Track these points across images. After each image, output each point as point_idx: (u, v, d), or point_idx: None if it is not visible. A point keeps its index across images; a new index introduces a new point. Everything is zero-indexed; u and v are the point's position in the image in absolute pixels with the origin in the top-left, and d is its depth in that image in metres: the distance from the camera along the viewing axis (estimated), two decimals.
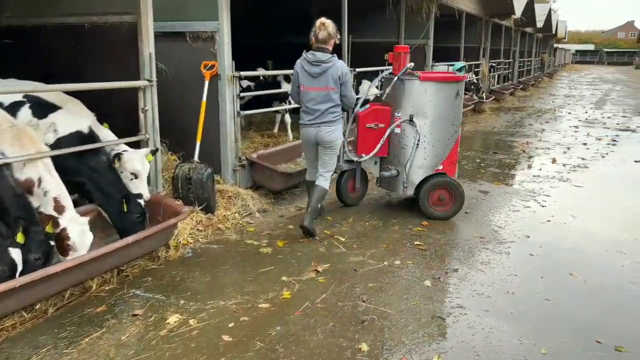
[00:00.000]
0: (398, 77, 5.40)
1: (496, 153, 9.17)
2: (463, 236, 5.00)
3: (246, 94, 6.83)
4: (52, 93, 4.37)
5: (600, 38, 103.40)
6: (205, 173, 5.01)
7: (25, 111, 4.22)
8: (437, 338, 3.22)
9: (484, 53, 17.37)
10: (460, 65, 5.92)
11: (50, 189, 3.53)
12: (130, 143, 4.53)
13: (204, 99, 5.43)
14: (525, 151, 9.41)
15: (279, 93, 8.05)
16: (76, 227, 3.50)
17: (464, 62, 10.94)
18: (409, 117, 5.32)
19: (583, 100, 20.25)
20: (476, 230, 5.17)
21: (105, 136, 4.40)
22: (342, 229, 5.09)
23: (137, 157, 4.32)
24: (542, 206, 5.98)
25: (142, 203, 4.23)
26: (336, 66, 4.74)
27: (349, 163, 5.68)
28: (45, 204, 3.54)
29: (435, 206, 5.41)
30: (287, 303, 3.61)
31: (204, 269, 4.13)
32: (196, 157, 5.28)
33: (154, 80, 4.63)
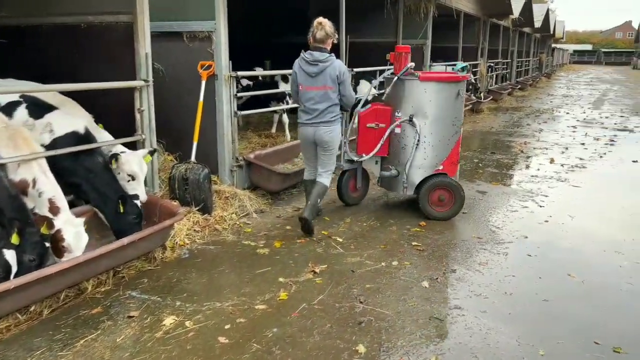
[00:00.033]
0: (398, 77, 5.39)
1: (494, 153, 9.16)
2: (461, 237, 4.99)
3: (243, 94, 6.80)
4: (50, 93, 4.34)
5: (598, 38, 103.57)
6: (202, 173, 4.98)
7: (21, 111, 4.20)
8: (435, 339, 3.20)
9: (482, 53, 17.37)
10: (462, 65, 5.89)
11: (45, 190, 3.51)
12: (126, 143, 4.51)
13: (201, 99, 5.41)
14: (523, 151, 9.40)
15: (277, 93, 8.04)
16: (71, 229, 3.48)
17: (466, 63, 10.91)
18: (409, 117, 5.31)
19: (581, 100, 20.27)
20: (474, 230, 5.16)
21: (101, 137, 4.38)
22: (340, 230, 5.07)
23: (135, 159, 4.29)
24: (540, 206, 5.97)
25: (139, 204, 4.21)
26: (334, 65, 4.74)
27: (350, 163, 5.67)
28: (40, 205, 3.51)
29: (435, 206, 5.40)
30: (284, 304, 3.59)
31: (201, 270, 4.10)
32: (193, 158, 5.25)
33: (151, 80, 4.62)
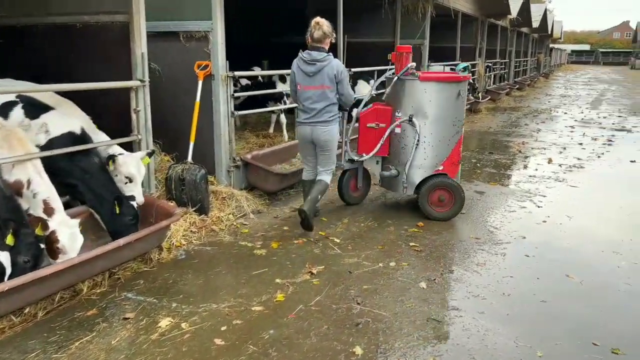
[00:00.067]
0: (398, 77, 5.39)
1: (492, 153, 9.15)
2: (459, 237, 4.97)
3: (240, 94, 6.78)
4: (47, 94, 4.31)
5: (595, 38, 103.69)
6: (198, 174, 4.96)
7: (17, 111, 4.17)
8: (432, 341, 3.19)
9: (480, 53, 17.35)
10: (463, 65, 5.88)
11: (39, 191, 3.48)
12: (123, 144, 4.49)
13: (198, 99, 5.39)
14: (521, 151, 9.39)
15: (274, 93, 8.02)
16: (66, 230, 3.45)
17: (467, 63, 10.85)
18: (409, 117, 5.30)
19: (579, 100, 20.27)
20: (472, 231, 5.14)
21: (98, 138, 4.34)
22: (337, 230, 5.05)
23: (132, 161, 4.26)
24: (538, 207, 5.95)
25: (135, 205, 4.19)
26: (331, 65, 4.75)
27: (351, 162, 5.68)
28: (34, 206, 3.49)
29: (435, 207, 5.38)
30: (281, 306, 3.57)
31: (197, 272, 4.08)
32: (190, 158, 5.23)
33: (147, 80, 4.59)
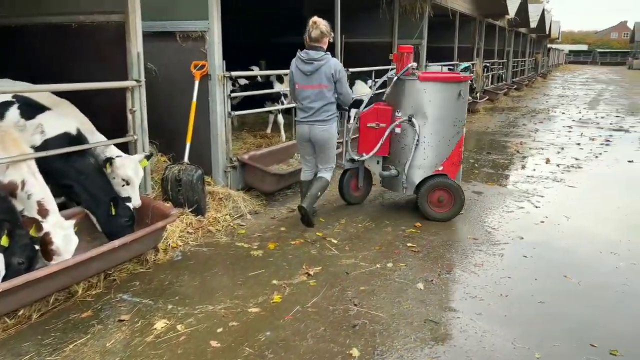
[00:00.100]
0: (398, 77, 5.39)
1: (490, 153, 9.14)
2: (456, 237, 4.95)
3: (237, 94, 6.75)
4: (44, 94, 4.28)
5: (593, 38, 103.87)
6: (195, 174, 4.93)
7: (13, 111, 4.14)
8: (430, 342, 3.17)
9: (478, 53, 17.36)
10: (465, 65, 5.89)
11: (33, 192, 3.45)
12: (118, 144, 4.46)
13: (194, 100, 5.35)
14: (519, 151, 9.39)
15: (272, 93, 7.99)
16: (60, 232, 3.41)
17: (469, 63, 10.84)
18: (408, 117, 5.29)
19: (577, 100, 20.29)
20: (470, 231, 5.12)
21: (95, 138, 4.30)
22: (335, 231, 5.03)
23: (130, 164, 4.22)
24: (536, 207, 5.94)
25: (131, 206, 4.16)
26: (329, 64, 4.76)
27: (351, 162, 5.68)
28: (29, 208, 3.46)
29: (434, 207, 5.37)
30: (278, 307, 3.54)
31: (193, 273, 4.05)
32: (186, 159, 5.19)
33: (142, 80, 4.56)
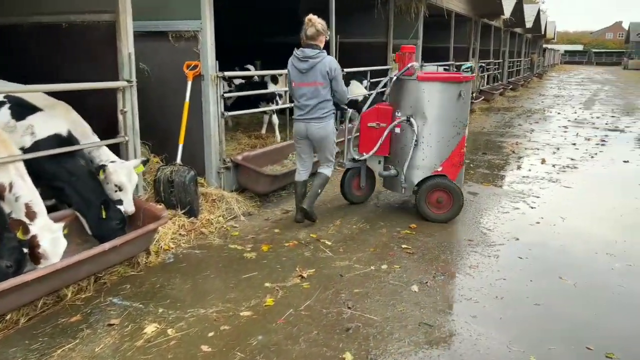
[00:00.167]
0: (398, 77, 5.39)
1: (485, 154, 9.12)
2: (451, 239, 4.91)
3: (230, 95, 6.71)
4: (40, 95, 4.22)
5: (588, 38, 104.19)
6: (187, 176, 4.88)
7: (4, 112, 4.08)
8: (424, 346, 3.12)
9: (474, 53, 17.36)
10: (468, 65, 5.86)
11: (21, 195, 3.39)
12: (110, 146, 4.40)
13: (187, 100, 5.30)
14: (514, 152, 9.37)
15: (266, 94, 7.95)
16: (47, 235, 3.35)
17: (471, 63, 10.76)
18: (406, 117, 5.27)
19: (572, 100, 20.32)
20: (465, 232, 5.09)
21: (89, 140, 4.23)
22: (329, 232, 4.99)
23: (123, 170, 4.15)
24: (532, 207, 5.91)
25: (122, 209, 4.10)
26: (324, 62, 4.78)
27: (353, 161, 5.67)
28: (16, 210, 3.40)
29: (432, 208, 5.33)
30: (270, 310, 3.49)
31: (185, 275, 4.00)
32: (179, 159, 5.14)
33: (134, 80, 4.51)
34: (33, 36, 5.02)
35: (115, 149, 4.48)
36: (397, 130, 5.41)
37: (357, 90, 9.12)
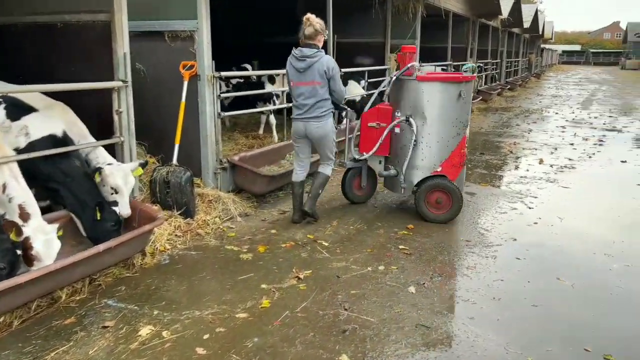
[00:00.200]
0: (397, 77, 5.39)
1: (483, 154, 9.10)
2: (449, 240, 4.89)
3: (226, 95, 6.68)
4: (37, 96, 4.18)
5: (586, 39, 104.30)
6: (184, 176, 4.85)
7: None
8: (421, 348, 3.10)
9: (472, 53, 17.35)
10: (469, 65, 5.85)
11: (15, 196, 3.36)
12: (106, 147, 4.36)
13: (183, 100, 5.28)
14: (512, 152, 9.36)
15: (263, 94, 7.92)
16: (41, 236, 3.32)
17: (472, 63, 10.72)
18: (405, 117, 5.25)
19: (570, 100, 20.33)
20: (462, 233, 5.07)
21: (85, 141, 4.20)
22: (326, 233, 4.96)
23: (119, 172, 4.10)
24: (530, 208, 5.90)
25: (118, 211, 4.07)
26: (322, 61, 4.79)
27: (353, 161, 5.67)
28: (10, 211, 3.36)
29: (431, 208, 5.31)
30: (266, 312, 3.47)
31: (181, 277, 3.97)
32: (175, 160, 5.12)
33: (129, 80, 4.47)
34: (28, 36, 4.98)
35: (110, 150, 4.44)
36: (397, 130, 5.40)
37: (355, 90, 9.10)
